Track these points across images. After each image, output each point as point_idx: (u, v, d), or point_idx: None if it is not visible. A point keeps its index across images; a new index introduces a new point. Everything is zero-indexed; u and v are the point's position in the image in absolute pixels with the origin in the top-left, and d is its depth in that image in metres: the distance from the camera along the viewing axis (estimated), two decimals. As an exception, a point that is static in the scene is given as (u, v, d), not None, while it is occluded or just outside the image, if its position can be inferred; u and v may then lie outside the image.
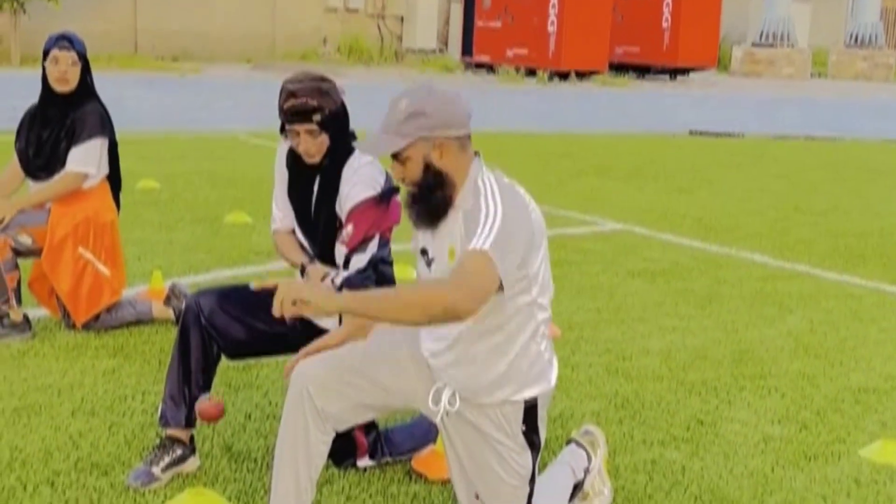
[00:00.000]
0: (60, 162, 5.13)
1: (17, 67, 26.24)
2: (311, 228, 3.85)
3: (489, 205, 2.84)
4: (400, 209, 3.67)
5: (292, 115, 3.58)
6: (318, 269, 3.75)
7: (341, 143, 3.69)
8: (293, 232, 3.94)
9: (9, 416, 4.16)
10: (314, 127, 3.59)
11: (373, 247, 3.63)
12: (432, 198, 2.92)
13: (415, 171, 2.92)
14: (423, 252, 3.07)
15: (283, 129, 3.71)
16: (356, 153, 3.71)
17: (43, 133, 5.15)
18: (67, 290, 5.16)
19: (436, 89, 2.96)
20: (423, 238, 3.07)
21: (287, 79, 3.67)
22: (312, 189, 3.78)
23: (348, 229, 3.65)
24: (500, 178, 2.95)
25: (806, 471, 4.02)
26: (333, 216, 3.73)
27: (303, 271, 3.78)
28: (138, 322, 5.38)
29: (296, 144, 3.66)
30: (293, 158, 3.80)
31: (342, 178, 3.69)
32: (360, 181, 3.65)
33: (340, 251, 3.68)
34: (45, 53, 5.08)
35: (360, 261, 3.62)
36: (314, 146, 3.64)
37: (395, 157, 2.94)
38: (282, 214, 3.95)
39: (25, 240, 5.13)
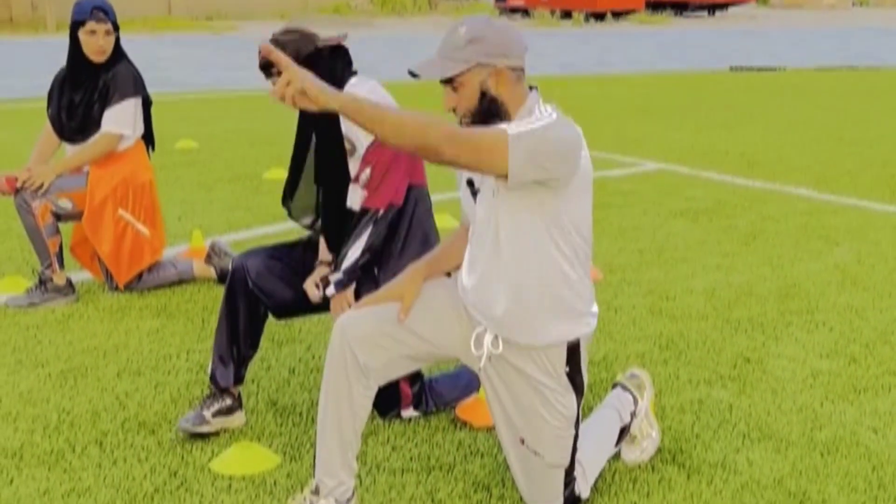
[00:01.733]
0: (95, 124, 5.14)
1: (52, 33, 26.37)
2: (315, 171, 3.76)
3: (540, 113, 2.79)
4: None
5: (262, 72, 3.52)
6: (322, 270, 3.72)
7: (331, 80, 3.60)
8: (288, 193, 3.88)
9: (55, 379, 4.20)
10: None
11: (383, 222, 3.59)
12: (489, 125, 2.82)
13: (470, 98, 2.85)
14: (470, 183, 3.01)
15: None
16: (353, 80, 3.63)
17: (75, 97, 5.16)
18: (108, 252, 5.19)
19: (494, 19, 2.92)
20: None
21: None
22: (312, 126, 3.70)
23: (366, 172, 3.58)
24: (557, 110, 2.89)
25: (856, 404, 3.97)
26: (338, 140, 3.63)
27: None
28: (180, 281, 5.41)
29: None
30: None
31: None
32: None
33: (356, 193, 3.61)
34: (79, 23, 5.06)
35: (370, 237, 3.57)
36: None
37: (449, 83, 2.85)
38: None
39: (66, 204, 5.16)
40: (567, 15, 30.07)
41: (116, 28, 5.14)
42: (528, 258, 2.88)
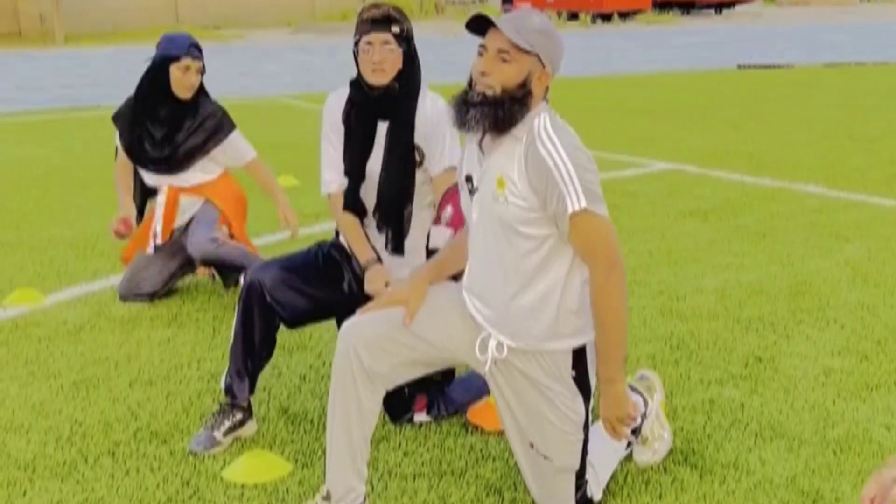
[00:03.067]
0: (199, 155, 5.24)
1: (60, 46, 26.45)
2: (377, 175, 3.73)
3: (553, 154, 2.78)
4: None
5: (372, 23, 3.55)
6: (380, 271, 3.69)
7: (411, 72, 3.64)
8: (350, 202, 3.83)
9: (68, 391, 4.21)
10: (391, 38, 3.56)
11: None
12: (511, 108, 2.82)
13: (510, 77, 2.82)
14: (468, 179, 3.00)
15: (355, 49, 3.63)
16: (426, 89, 3.69)
17: (156, 131, 5.18)
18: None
19: None
20: (470, 164, 3.00)
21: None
22: (374, 128, 3.70)
23: (448, 211, 3.58)
24: (554, 118, 2.90)
25: (868, 401, 3.96)
26: (410, 147, 3.66)
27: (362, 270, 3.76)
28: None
29: (368, 60, 3.58)
30: (352, 103, 3.72)
31: (419, 109, 3.66)
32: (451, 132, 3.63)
33: (440, 233, 3.57)
34: (173, 58, 5.07)
35: None
36: (388, 60, 3.58)
37: (504, 52, 2.83)
38: (336, 173, 3.81)
39: (223, 231, 5.32)
40: (574, 16, 30.06)
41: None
42: (533, 262, 2.88)
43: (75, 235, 6.80)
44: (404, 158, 3.68)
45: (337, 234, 3.91)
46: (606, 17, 30.61)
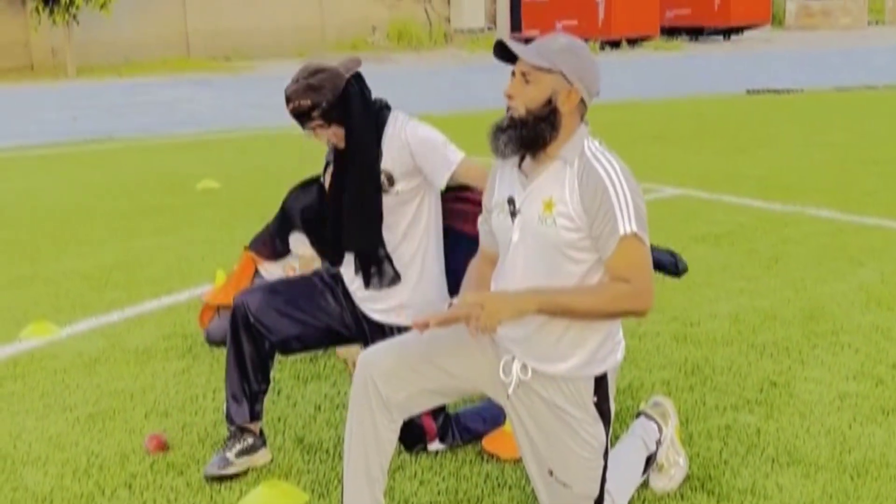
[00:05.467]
0: None
1: (72, 79, 26.62)
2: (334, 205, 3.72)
3: (611, 174, 2.82)
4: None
5: (296, 119, 3.57)
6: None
7: (359, 123, 3.60)
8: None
9: (84, 423, 4.23)
10: (319, 122, 3.57)
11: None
12: (537, 128, 2.85)
13: (536, 97, 2.86)
14: (510, 202, 2.99)
15: None
16: (392, 115, 3.66)
17: None
18: None
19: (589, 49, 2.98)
20: (511, 187, 2.99)
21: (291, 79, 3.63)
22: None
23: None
24: (601, 144, 2.93)
25: (884, 426, 3.94)
26: (369, 176, 3.62)
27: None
28: None
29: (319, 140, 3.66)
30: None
31: (386, 139, 3.62)
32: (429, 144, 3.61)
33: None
34: None
35: None
36: (333, 136, 3.61)
37: (525, 74, 2.87)
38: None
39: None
40: (582, 43, 30.19)
41: None
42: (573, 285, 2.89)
43: (89, 267, 6.83)
44: (367, 184, 3.64)
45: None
46: (615, 44, 30.69)
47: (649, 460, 3.39)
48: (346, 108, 3.58)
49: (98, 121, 16.18)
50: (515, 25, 32.57)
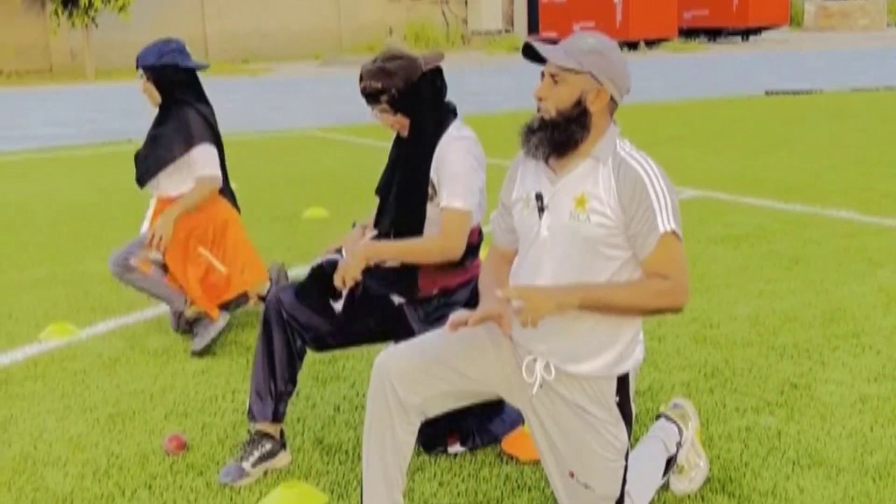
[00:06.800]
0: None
1: (92, 81, 26.72)
2: (385, 196, 3.78)
3: (649, 172, 2.83)
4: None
5: (364, 98, 3.61)
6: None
7: (424, 119, 3.62)
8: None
9: (104, 424, 4.24)
10: (385, 107, 3.60)
11: None
12: (568, 129, 2.86)
13: (564, 98, 2.87)
14: (539, 197, 2.97)
15: None
16: (455, 124, 3.64)
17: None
18: (191, 287, 5.18)
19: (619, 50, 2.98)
20: (536, 183, 2.98)
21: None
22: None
23: None
24: (639, 151, 2.93)
25: (906, 428, 3.92)
26: (416, 181, 3.64)
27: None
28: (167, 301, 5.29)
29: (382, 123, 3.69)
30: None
31: (439, 144, 3.61)
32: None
33: None
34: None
35: None
36: (396, 124, 3.64)
37: (554, 76, 2.88)
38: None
39: (156, 255, 5.18)
40: (600, 45, 30.14)
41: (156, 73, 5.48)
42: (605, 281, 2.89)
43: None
44: (415, 191, 3.66)
45: None
46: (633, 46, 30.65)
47: (670, 462, 3.38)
48: (414, 101, 3.60)
49: (117, 122, 16.33)
50: (533, 27, 32.56)
